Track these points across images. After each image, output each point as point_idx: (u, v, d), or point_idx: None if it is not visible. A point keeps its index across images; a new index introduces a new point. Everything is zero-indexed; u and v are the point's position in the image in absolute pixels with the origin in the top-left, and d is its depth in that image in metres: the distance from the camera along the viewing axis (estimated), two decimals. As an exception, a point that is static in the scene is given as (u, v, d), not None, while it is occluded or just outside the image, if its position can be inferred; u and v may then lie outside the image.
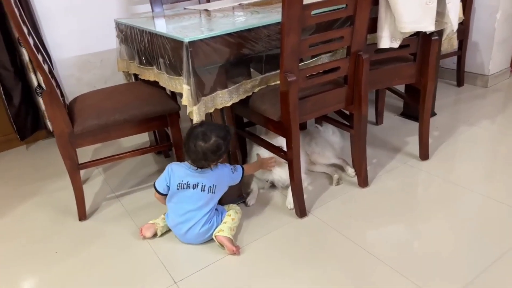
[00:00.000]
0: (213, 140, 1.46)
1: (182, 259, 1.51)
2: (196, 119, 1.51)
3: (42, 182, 2.16)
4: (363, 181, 1.83)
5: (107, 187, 2.06)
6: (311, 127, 2.15)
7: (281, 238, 1.57)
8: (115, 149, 2.47)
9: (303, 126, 2.23)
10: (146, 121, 1.74)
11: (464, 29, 2.72)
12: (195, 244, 1.57)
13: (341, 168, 1.97)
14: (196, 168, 1.53)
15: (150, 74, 1.84)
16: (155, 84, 1.81)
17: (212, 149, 1.46)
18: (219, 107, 1.58)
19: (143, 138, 2.51)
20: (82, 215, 1.79)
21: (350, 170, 1.92)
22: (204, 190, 1.52)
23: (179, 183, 1.53)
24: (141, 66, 1.90)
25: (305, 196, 1.69)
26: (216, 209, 1.59)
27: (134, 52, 1.94)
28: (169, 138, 1.90)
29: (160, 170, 2.17)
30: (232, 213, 1.61)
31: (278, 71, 1.49)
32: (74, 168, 1.70)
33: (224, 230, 1.53)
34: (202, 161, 1.49)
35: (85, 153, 2.44)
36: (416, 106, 1.95)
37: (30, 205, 1.97)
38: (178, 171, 1.55)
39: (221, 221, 1.57)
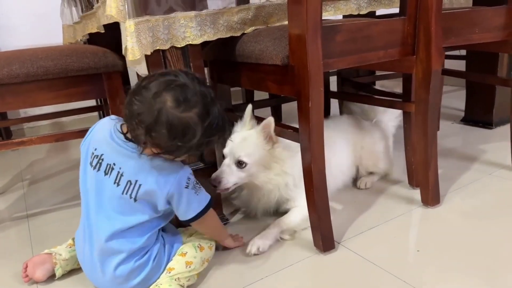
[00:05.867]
0: (196, 112, 0.71)
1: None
2: (132, 56, 0.83)
3: None
4: (433, 196, 1.06)
5: (21, 204, 1.34)
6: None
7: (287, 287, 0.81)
8: (60, 160, 1.78)
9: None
10: (66, 83, 1.04)
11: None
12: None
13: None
14: (124, 134, 0.78)
15: (93, 21, 1.20)
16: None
17: (176, 123, 0.70)
18: (180, 44, 0.90)
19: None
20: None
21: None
22: (119, 184, 0.77)
23: (92, 154, 0.80)
24: (84, 13, 1.28)
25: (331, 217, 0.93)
26: (162, 234, 0.84)
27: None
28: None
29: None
30: (189, 249, 0.83)
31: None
32: None
33: (162, 284, 0.78)
34: (139, 128, 0.71)
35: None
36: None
37: None
38: (102, 131, 0.81)
39: (167, 261, 0.82)
